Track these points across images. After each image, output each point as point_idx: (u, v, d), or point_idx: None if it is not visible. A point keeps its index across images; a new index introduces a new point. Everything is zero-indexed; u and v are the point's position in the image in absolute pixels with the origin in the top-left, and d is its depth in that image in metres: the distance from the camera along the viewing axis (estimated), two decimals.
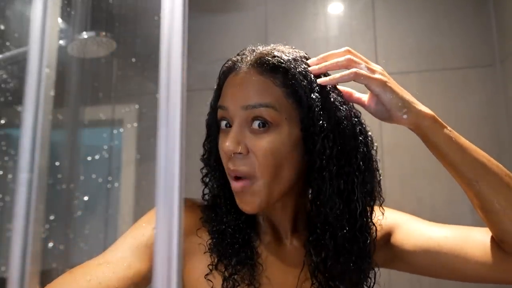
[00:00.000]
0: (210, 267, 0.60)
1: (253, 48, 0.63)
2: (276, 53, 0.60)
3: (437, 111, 0.61)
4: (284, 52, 0.61)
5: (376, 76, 0.58)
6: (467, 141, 0.60)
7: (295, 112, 0.58)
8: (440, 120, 0.60)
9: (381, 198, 0.66)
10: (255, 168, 0.57)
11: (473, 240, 0.63)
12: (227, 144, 0.57)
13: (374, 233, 0.65)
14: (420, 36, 1.84)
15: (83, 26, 1.48)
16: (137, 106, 2.01)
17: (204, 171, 0.68)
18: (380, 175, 0.66)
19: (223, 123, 0.61)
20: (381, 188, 0.66)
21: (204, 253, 0.62)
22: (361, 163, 0.61)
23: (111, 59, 1.78)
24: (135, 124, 2.00)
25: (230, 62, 0.63)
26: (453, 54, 1.81)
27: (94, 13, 1.57)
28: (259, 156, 0.57)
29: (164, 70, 0.22)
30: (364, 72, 0.58)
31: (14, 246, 0.23)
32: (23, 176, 0.23)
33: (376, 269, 0.65)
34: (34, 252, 0.23)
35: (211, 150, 0.66)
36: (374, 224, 0.64)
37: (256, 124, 0.57)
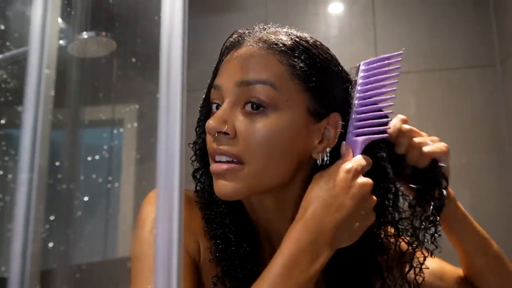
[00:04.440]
0: (215, 279, 0.52)
1: (264, 26, 0.55)
2: (292, 33, 0.53)
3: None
4: (304, 36, 0.54)
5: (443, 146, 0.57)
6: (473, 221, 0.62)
7: (300, 95, 0.50)
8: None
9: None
10: (243, 152, 0.48)
11: None
12: (210, 121, 0.48)
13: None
14: (420, 36, 1.84)
15: (83, 26, 1.48)
16: (137, 106, 2.01)
17: (195, 163, 0.59)
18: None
19: (214, 106, 0.53)
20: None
21: (209, 261, 0.53)
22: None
23: (111, 59, 1.78)
24: (135, 124, 2.00)
25: (235, 35, 0.55)
26: (453, 54, 1.80)
27: (94, 13, 1.57)
28: (249, 141, 0.48)
29: (164, 70, 0.22)
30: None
31: (14, 246, 0.23)
32: (23, 176, 0.23)
33: None
34: (34, 252, 0.23)
35: (197, 141, 0.59)
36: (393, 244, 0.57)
37: (249, 106, 0.49)
